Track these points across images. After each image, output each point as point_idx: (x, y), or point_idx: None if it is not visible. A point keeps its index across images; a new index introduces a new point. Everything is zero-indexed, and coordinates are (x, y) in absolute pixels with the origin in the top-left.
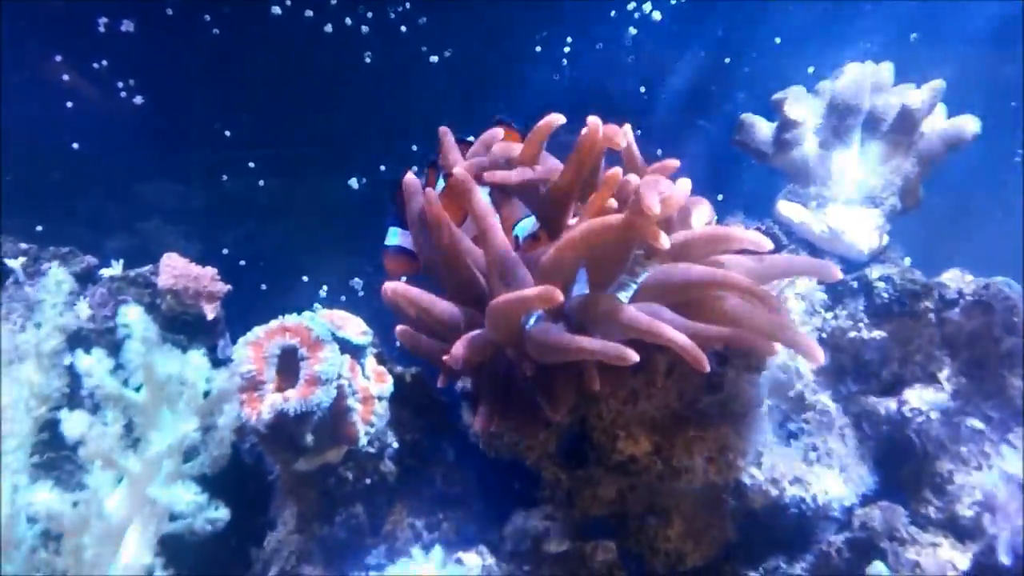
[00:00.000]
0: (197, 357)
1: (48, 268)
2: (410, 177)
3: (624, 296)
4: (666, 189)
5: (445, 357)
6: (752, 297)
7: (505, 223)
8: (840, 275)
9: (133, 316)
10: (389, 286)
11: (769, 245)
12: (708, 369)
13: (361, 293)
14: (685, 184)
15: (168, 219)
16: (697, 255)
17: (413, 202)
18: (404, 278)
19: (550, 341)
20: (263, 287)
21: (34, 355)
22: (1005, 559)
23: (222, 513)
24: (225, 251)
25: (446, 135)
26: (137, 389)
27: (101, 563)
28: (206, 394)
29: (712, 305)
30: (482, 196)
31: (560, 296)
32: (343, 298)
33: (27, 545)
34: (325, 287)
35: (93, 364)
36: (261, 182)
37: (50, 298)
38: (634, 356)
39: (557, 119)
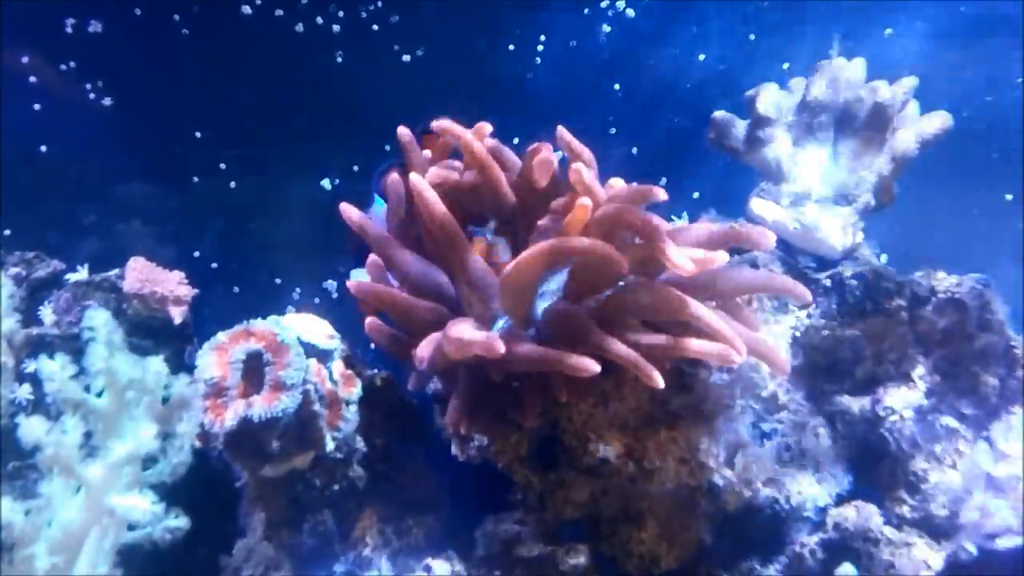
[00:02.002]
0: (156, 363)
1: (11, 273)
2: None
3: None
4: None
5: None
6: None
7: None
8: (810, 299)
9: (98, 320)
10: (353, 284)
11: (809, 299)
12: (662, 386)
13: (335, 295)
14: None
15: (138, 222)
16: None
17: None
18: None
19: (517, 352)
20: (235, 290)
21: None
22: (971, 548)
23: (181, 522)
24: (196, 254)
25: (406, 136)
26: (99, 395)
27: (56, 574)
28: (165, 400)
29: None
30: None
31: (501, 349)
32: (316, 300)
33: None
34: (298, 290)
35: (55, 368)
36: (233, 184)
37: None
38: (597, 368)
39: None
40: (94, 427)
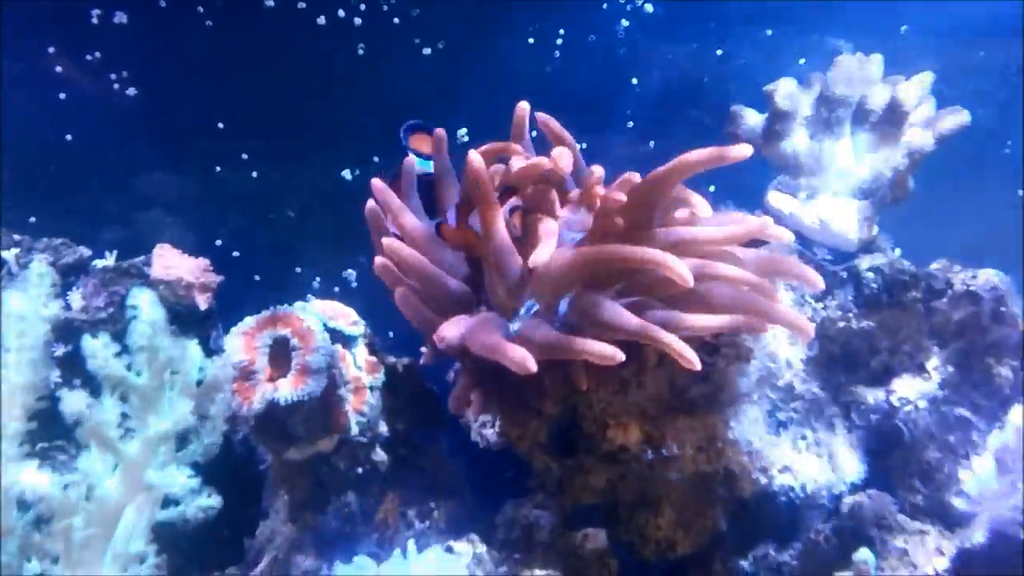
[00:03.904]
0: (192, 346)
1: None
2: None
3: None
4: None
5: (434, 336)
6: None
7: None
8: (823, 286)
9: (142, 299)
10: (386, 241)
11: (821, 285)
12: (699, 367)
13: (354, 284)
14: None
15: (162, 210)
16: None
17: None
18: None
19: (540, 340)
20: (256, 278)
21: (16, 351)
22: (980, 537)
23: (214, 501)
24: (219, 242)
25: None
26: (137, 374)
27: (92, 546)
28: (199, 383)
29: (700, 294)
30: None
31: (533, 368)
32: (336, 289)
33: (20, 531)
34: (318, 278)
35: (98, 346)
36: (254, 173)
37: (33, 290)
38: (621, 356)
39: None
40: (133, 404)
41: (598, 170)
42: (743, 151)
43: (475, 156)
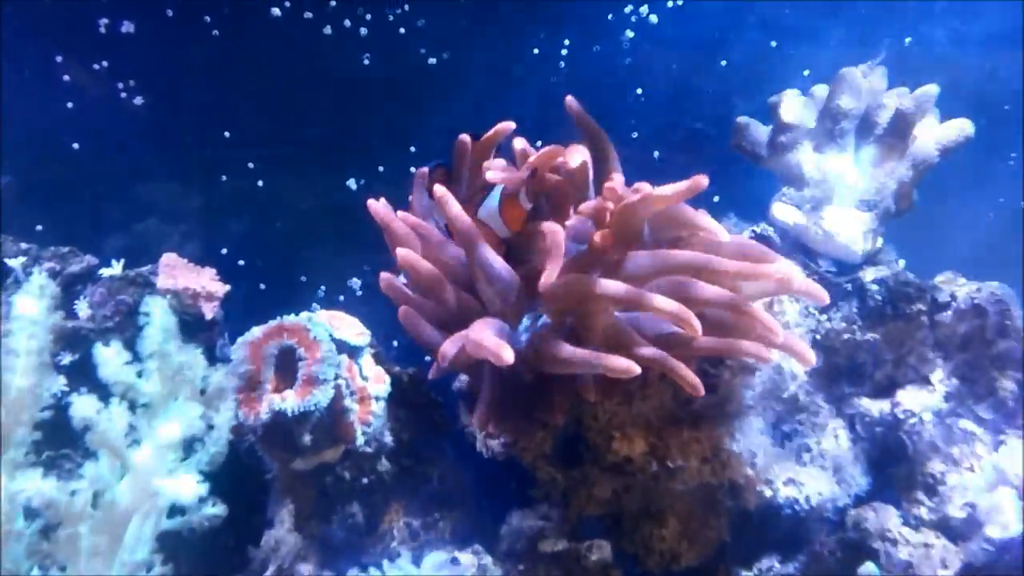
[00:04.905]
0: (196, 353)
1: (46, 268)
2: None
3: None
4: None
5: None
6: (745, 316)
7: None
8: (827, 300)
9: (155, 305)
10: (401, 252)
11: (825, 299)
12: (703, 394)
13: (359, 293)
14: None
15: (168, 219)
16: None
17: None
18: None
19: (553, 354)
20: (262, 287)
21: (23, 355)
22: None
23: (219, 509)
24: (224, 251)
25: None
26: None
27: (99, 554)
28: (202, 392)
29: (708, 317)
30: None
31: (510, 359)
32: (341, 298)
33: (27, 538)
34: (323, 287)
35: (109, 353)
36: (260, 182)
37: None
38: (637, 369)
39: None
40: (142, 411)
41: (618, 179)
42: (697, 184)
43: (439, 187)
